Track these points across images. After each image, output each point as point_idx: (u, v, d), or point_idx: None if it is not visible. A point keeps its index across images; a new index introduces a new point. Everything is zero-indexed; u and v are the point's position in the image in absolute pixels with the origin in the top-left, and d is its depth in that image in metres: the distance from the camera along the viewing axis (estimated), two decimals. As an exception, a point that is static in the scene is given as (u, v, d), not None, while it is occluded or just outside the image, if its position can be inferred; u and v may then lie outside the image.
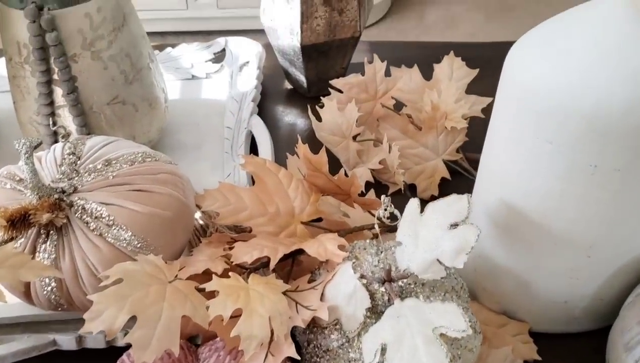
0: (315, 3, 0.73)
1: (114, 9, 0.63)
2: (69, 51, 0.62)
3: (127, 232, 0.50)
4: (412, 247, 0.50)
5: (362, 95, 0.72)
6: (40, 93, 0.63)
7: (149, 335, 0.43)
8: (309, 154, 0.60)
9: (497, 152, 0.52)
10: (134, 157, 0.55)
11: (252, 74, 0.84)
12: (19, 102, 0.67)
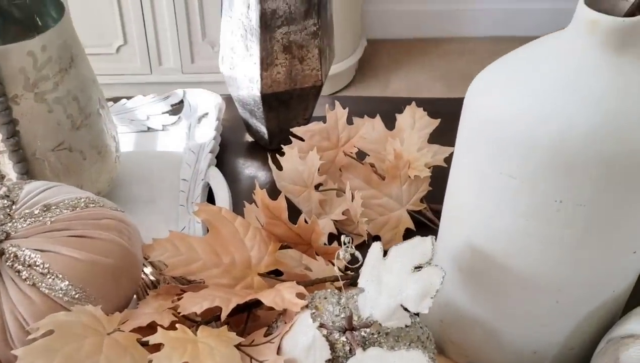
0: (275, 50, 0.71)
1: (60, 49, 0.60)
2: (10, 92, 0.58)
3: (64, 281, 0.45)
4: (374, 293, 0.47)
5: (324, 143, 0.70)
6: (-23, 136, 0.59)
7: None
8: (267, 200, 0.57)
9: (460, 191, 0.49)
10: (75, 202, 0.51)
11: (210, 125, 0.82)
12: (-44, 148, 0.62)
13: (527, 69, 0.43)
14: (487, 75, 0.46)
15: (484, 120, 0.44)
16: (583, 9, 0.40)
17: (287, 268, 0.59)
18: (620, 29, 0.39)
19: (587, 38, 0.41)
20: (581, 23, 0.41)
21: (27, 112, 0.59)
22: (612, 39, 0.40)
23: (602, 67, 0.40)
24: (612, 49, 0.40)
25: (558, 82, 0.41)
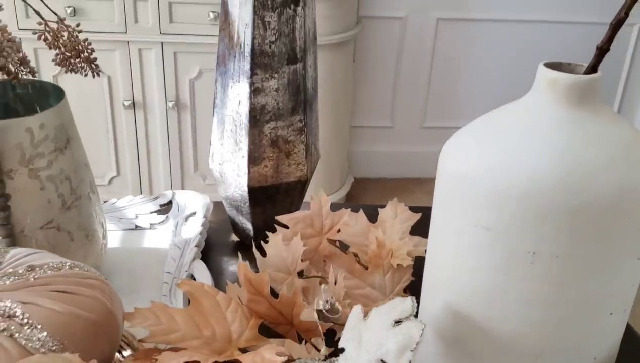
0: (263, 144, 0.75)
1: (57, 128, 0.63)
2: (5, 166, 0.60)
3: (42, 332, 0.45)
4: (355, 351, 0.46)
5: (307, 231, 0.71)
6: (-33, 209, 0.60)
7: None
8: (250, 274, 0.57)
9: (438, 251, 0.50)
10: (60, 264, 0.51)
11: (197, 222, 0.83)
12: (-55, 224, 0.63)
13: (495, 128, 0.46)
14: (458, 137, 0.49)
15: (457, 177, 0.47)
16: (543, 70, 0.44)
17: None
18: (577, 85, 0.43)
19: (548, 95, 0.44)
20: (542, 82, 0.45)
21: (20, 188, 0.61)
22: (571, 95, 0.44)
23: (563, 122, 0.44)
24: (571, 105, 0.44)
25: (523, 137, 0.45)
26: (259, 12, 0.69)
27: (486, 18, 2.38)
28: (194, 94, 2.00)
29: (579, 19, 2.37)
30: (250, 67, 0.71)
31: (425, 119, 2.55)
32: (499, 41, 2.38)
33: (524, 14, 2.35)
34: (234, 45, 0.73)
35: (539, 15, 2.35)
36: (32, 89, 0.70)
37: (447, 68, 2.44)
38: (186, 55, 1.93)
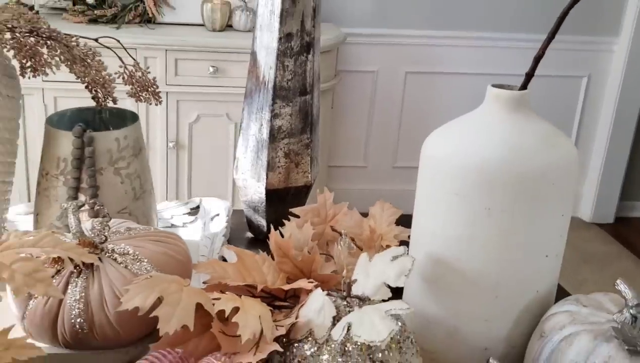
0: (278, 156, 0.97)
1: (134, 140, 0.85)
2: (98, 165, 0.81)
3: (148, 264, 0.65)
4: (364, 279, 0.67)
5: (315, 219, 0.93)
6: (68, 196, 0.81)
7: (172, 312, 0.57)
8: (279, 239, 0.79)
9: (420, 214, 0.73)
10: (147, 227, 0.72)
11: (222, 220, 1.04)
12: (44, 210, 0.83)
13: (460, 126, 0.70)
14: (435, 133, 0.72)
15: (434, 159, 0.70)
16: (491, 88, 0.69)
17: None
18: (512, 97, 0.67)
19: (494, 105, 0.68)
20: (490, 97, 0.69)
21: (106, 181, 0.82)
22: (509, 104, 0.68)
23: (505, 121, 0.68)
24: (509, 111, 0.68)
25: (479, 131, 0.68)
26: (280, 59, 0.93)
27: (448, 71, 2.68)
28: (192, 136, 2.22)
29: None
30: (272, 98, 0.94)
31: (396, 159, 2.81)
32: (460, 89, 2.67)
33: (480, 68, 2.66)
34: (259, 83, 0.96)
35: (491, 69, 2.65)
36: (109, 114, 0.91)
37: (415, 114, 2.72)
38: (187, 103, 2.17)
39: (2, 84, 0.78)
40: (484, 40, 2.65)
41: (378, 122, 2.75)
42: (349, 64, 2.60)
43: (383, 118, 2.74)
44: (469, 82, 2.65)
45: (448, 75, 2.69)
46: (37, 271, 0.51)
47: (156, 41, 2.07)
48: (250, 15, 2.28)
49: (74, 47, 0.81)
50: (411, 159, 2.80)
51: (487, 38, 2.66)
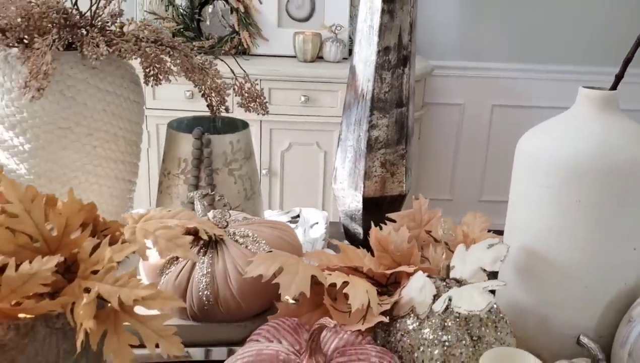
0: (375, 166, 1.03)
1: (246, 144, 0.93)
2: (214, 166, 0.90)
3: (266, 245, 0.72)
4: (461, 265, 0.71)
5: (410, 224, 0.97)
6: (188, 194, 0.89)
7: (291, 280, 0.63)
8: (379, 234, 0.84)
9: (514, 207, 0.76)
10: (262, 219, 0.79)
11: (321, 227, 1.10)
12: (166, 206, 0.92)
13: (553, 125, 0.74)
14: (530, 132, 0.76)
15: (529, 155, 0.73)
16: (582, 89, 0.72)
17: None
18: (603, 97, 0.70)
19: (585, 104, 0.71)
20: (581, 96, 0.72)
21: (221, 181, 0.90)
22: (599, 103, 0.71)
23: (595, 119, 0.71)
24: (600, 109, 0.71)
25: (570, 129, 0.71)
26: (378, 71, 1.00)
27: (535, 105, 2.67)
28: (284, 163, 2.32)
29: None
30: (370, 110, 1.01)
31: (482, 193, 2.81)
32: (549, 125, 2.65)
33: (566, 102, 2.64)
34: (357, 95, 1.03)
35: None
36: (221, 122, 1.00)
37: (502, 148, 2.72)
38: (280, 131, 2.28)
39: (130, 90, 0.89)
40: (570, 74, 2.64)
41: (464, 155, 2.76)
42: (436, 96, 2.65)
43: (469, 151, 2.76)
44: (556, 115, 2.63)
45: (535, 109, 2.68)
46: (177, 237, 0.59)
47: (251, 71, 2.20)
48: (340, 46, 2.39)
49: (194, 57, 0.90)
50: (497, 192, 2.78)
51: (573, 72, 2.64)
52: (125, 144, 0.89)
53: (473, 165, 2.78)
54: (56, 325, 0.52)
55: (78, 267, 0.54)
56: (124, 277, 0.51)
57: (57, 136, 0.82)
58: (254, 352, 0.60)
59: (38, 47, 0.75)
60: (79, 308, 0.50)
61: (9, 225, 0.51)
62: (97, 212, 0.56)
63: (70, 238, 0.54)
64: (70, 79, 0.81)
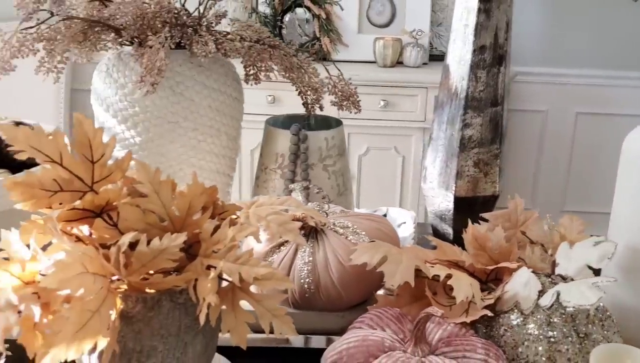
0: (468, 165, 1.02)
1: (340, 141, 0.95)
2: (310, 161, 0.92)
3: (365, 236, 0.73)
4: (566, 262, 0.70)
5: (505, 224, 0.96)
6: (285, 188, 0.92)
7: (395, 269, 0.64)
8: (476, 232, 0.83)
9: (620, 205, 0.74)
10: (361, 213, 0.80)
11: (409, 226, 1.10)
12: (262, 200, 0.95)
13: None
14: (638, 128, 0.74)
15: (634, 151, 0.71)
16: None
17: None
18: None
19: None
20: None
21: (315, 176, 0.92)
22: None
23: None
24: None
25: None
26: (473, 70, 0.99)
27: (621, 113, 2.57)
28: (361, 167, 2.34)
29: None
30: (464, 108, 1.01)
31: (565, 203, 2.72)
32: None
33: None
34: (451, 94, 1.03)
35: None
36: (315, 120, 1.02)
37: (586, 156, 2.63)
38: (358, 136, 2.29)
39: (232, 88, 0.92)
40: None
41: (547, 164, 2.69)
42: (519, 103, 2.60)
43: (552, 159, 2.68)
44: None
45: (621, 117, 2.58)
46: (287, 223, 0.61)
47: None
48: (420, 51, 2.38)
49: (293, 56, 0.93)
50: (581, 202, 2.69)
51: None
52: (227, 139, 0.92)
53: (556, 174, 2.70)
54: (179, 300, 0.55)
55: (199, 247, 0.56)
56: (245, 255, 0.53)
57: (166, 130, 0.86)
58: (359, 337, 0.61)
59: (152, 45, 0.80)
60: (204, 283, 0.52)
61: (139, 204, 0.55)
62: (217, 195, 0.59)
63: (192, 219, 0.57)
64: (179, 75, 0.85)
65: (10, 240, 0.53)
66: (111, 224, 0.57)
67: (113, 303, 0.50)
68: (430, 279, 0.70)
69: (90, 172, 0.56)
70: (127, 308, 0.53)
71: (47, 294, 0.50)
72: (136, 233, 0.52)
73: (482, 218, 0.98)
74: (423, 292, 0.71)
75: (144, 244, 0.51)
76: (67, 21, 0.78)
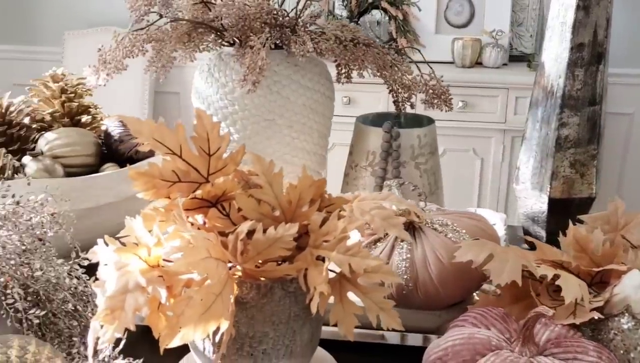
0: (563, 165, 1.00)
1: (432, 139, 0.94)
2: (402, 159, 0.92)
3: (465, 234, 0.73)
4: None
5: (604, 227, 0.93)
6: (376, 185, 0.92)
7: (502, 267, 0.63)
8: (578, 233, 0.81)
9: None
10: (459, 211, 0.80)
11: (500, 228, 1.08)
12: (353, 198, 0.95)
13: None
14: None
15: None
16: None
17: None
18: None
19: None
20: None
21: (407, 174, 0.92)
22: None
23: None
24: None
25: None
26: (570, 68, 0.97)
27: None
28: (438, 170, 2.33)
29: None
30: (560, 107, 0.98)
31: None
32: None
33: None
34: (546, 92, 1.00)
35: None
36: (405, 119, 1.03)
37: (675, 161, 2.52)
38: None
39: (325, 87, 0.93)
40: None
41: (633, 168, 2.58)
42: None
43: (639, 164, 2.57)
44: None
45: None
46: (391, 217, 0.61)
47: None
48: (500, 51, 2.34)
49: (386, 54, 0.93)
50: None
51: None
52: (318, 136, 0.94)
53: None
54: (290, 288, 0.56)
55: (307, 237, 0.57)
56: (355, 246, 0.53)
57: (263, 127, 0.88)
58: (465, 335, 0.61)
59: (253, 45, 0.82)
60: (314, 273, 0.53)
61: (254, 195, 0.56)
62: (325, 188, 0.60)
63: (302, 210, 0.58)
64: (276, 75, 0.87)
65: (134, 226, 0.56)
66: (224, 214, 0.59)
67: (232, 289, 0.52)
68: (534, 280, 0.68)
69: (207, 164, 0.58)
70: (242, 294, 0.54)
71: (170, 278, 0.52)
72: (253, 222, 0.53)
73: (579, 220, 0.95)
74: (525, 292, 0.70)
75: (260, 232, 0.53)
76: (174, 23, 0.82)
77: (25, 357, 0.56)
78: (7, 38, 2.85)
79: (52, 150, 0.85)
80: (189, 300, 0.50)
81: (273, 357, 0.57)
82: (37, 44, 2.83)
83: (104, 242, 0.57)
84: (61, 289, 0.66)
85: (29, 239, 0.68)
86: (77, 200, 0.78)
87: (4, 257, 0.66)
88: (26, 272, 0.67)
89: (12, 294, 0.65)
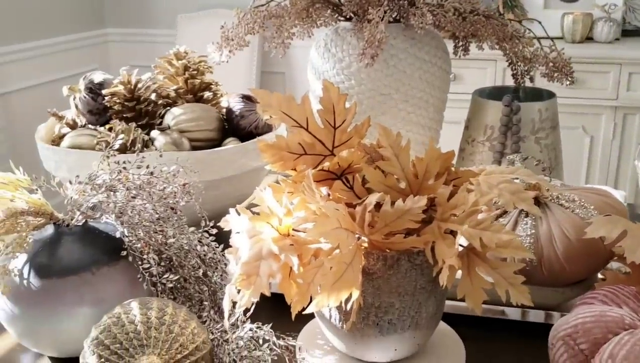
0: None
1: (553, 114, 0.91)
2: (522, 133, 0.89)
3: (594, 210, 0.70)
4: None
5: None
6: (494, 160, 0.90)
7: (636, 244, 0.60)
8: None
9: None
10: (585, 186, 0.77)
11: (622, 207, 1.03)
12: (468, 174, 0.94)
13: None
14: None
15: None
16: None
17: None
18: None
19: None
20: None
21: (526, 149, 0.89)
22: None
23: None
24: None
25: None
26: None
27: None
28: (546, 147, 2.24)
29: None
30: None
31: None
32: None
33: None
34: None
35: None
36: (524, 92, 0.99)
37: None
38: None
39: (442, 60, 0.92)
40: None
41: None
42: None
43: None
44: None
45: None
46: (520, 191, 0.60)
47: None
48: (613, 26, 2.21)
49: (506, 26, 0.90)
50: None
51: None
52: (434, 111, 0.93)
53: None
54: (416, 261, 0.56)
55: (433, 211, 0.57)
56: (487, 220, 0.53)
57: (378, 102, 0.88)
58: (596, 313, 0.58)
59: (371, 18, 0.82)
60: (442, 246, 0.53)
61: (381, 167, 0.57)
62: (452, 161, 0.59)
63: (428, 183, 0.58)
64: (393, 48, 0.87)
65: (265, 197, 0.58)
66: (348, 187, 0.60)
67: (361, 259, 0.53)
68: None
69: (332, 136, 0.59)
70: (369, 265, 0.55)
71: (299, 247, 0.54)
72: (381, 194, 0.54)
73: None
74: (658, 271, 0.67)
75: (388, 204, 0.53)
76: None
77: (163, 318, 0.60)
78: (126, 22, 3.01)
79: (178, 124, 0.90)
80: (320, 268, 0.52)
81: (399, 327, 0.58)
82: (153, 26, 2.97)
83: (235, 211, 0.59)
84: (192, 256, 0.70)
85: (161, 208, 0.72)
86: (203, 172, 0.82)
87: (140, 224, 0.71)
88: (160, 239, 0.71)
89: (147, 259, 0.69)
